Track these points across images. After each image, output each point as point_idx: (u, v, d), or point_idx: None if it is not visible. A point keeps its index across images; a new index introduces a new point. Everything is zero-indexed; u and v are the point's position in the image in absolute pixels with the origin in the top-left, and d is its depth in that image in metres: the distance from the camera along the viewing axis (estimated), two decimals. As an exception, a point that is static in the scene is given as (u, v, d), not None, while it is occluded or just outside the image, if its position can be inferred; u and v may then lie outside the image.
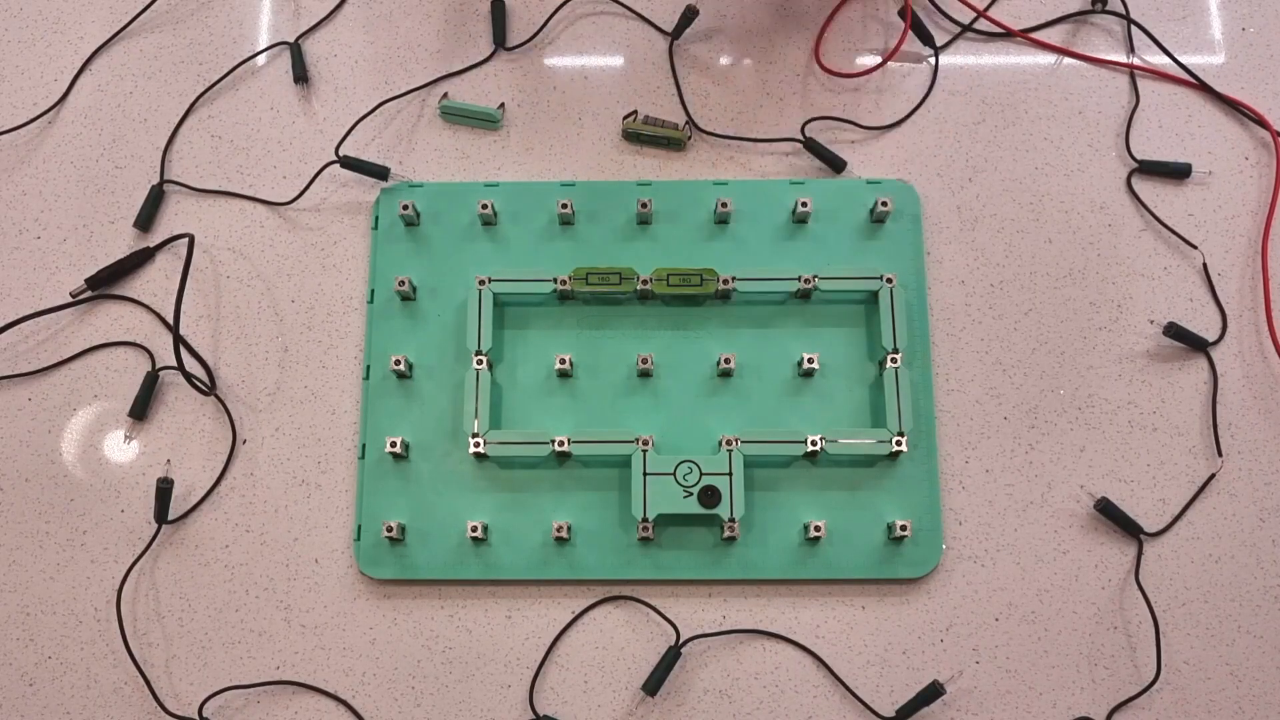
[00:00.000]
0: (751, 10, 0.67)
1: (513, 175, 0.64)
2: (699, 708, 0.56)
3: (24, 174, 0.64)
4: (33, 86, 0.66)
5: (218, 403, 0.60)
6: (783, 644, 0.57)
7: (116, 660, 0.57)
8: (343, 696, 0.56)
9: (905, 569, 0.57)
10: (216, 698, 0.56)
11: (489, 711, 0.56)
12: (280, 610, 0.58)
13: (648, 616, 0.57)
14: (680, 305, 0.60)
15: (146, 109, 0.65)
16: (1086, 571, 0.58)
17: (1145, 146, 0.64)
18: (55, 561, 0.58)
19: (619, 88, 0.65)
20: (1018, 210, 0.63)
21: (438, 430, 0.59)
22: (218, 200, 0.64)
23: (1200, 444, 0.59)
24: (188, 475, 0.59)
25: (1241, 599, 0.57)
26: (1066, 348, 0.61)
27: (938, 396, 0.60)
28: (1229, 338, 0.61)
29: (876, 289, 0.59)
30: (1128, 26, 0.66)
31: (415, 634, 0.57)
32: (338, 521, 0.59)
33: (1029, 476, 0.59)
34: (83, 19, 0.67)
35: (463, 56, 0.66)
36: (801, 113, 0.65)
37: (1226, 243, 0.62)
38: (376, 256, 0.62)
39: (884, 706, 0.56)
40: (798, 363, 0.59)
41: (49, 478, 0.59)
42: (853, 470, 0.58)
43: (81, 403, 0.60)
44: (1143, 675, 0.56)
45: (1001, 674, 0.57)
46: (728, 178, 0.63)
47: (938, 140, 0.64)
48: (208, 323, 0.62)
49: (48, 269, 0.63)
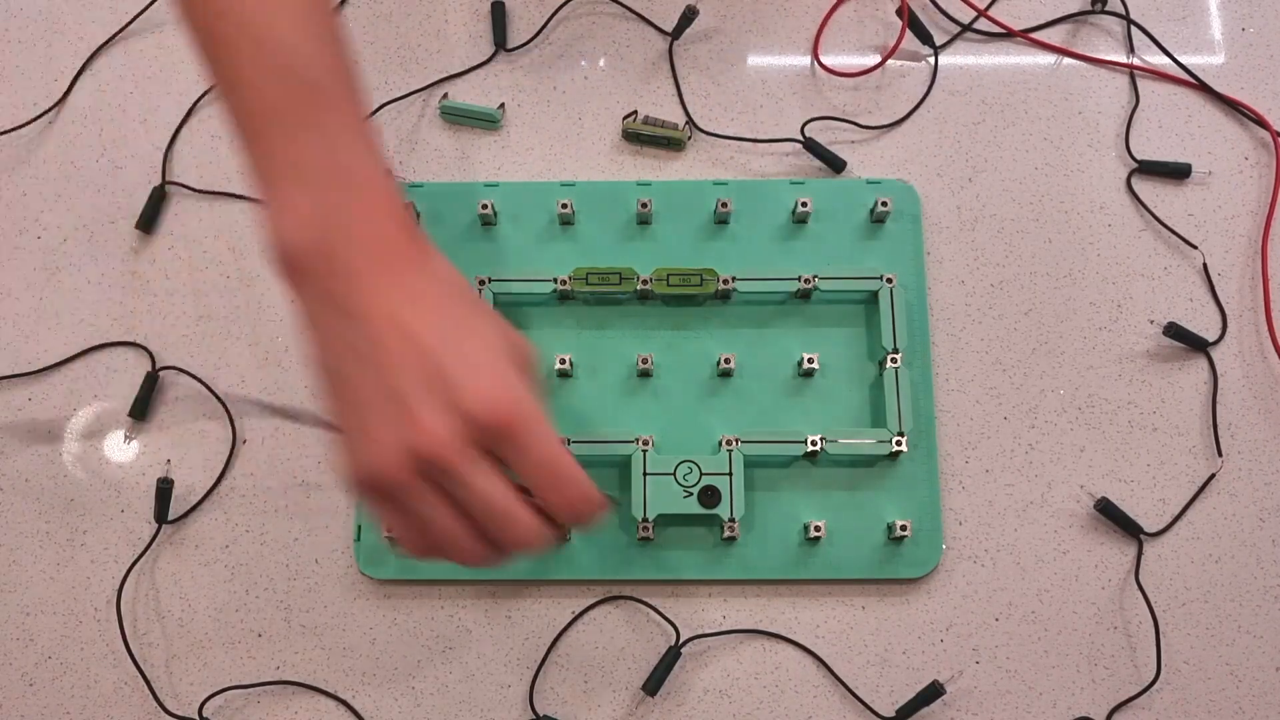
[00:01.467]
0: (751, 10, 0.67)
1: (513, 175, 0.64)
2: (699, 708, 0.56)
3: (24, 174, 0.64)
4: (33, 86, 0.66)
5: (218, 403, 0.60)
6: (783, 644, 0.57)
7: (116, 660, 0.57)
8: (343, 696, 0.56)
9: (905, 569, 0.57)
10: (216, 698, 0.56)
11: (489, 711, 0.56)
12: (280, 610, 0.58)
13: (648, 616, 0.57)
14: (680, 305, 0.60)
15: (147, 109, 0.65)
16: (1086, 571, 0.58)
17: (1145, 146, 0.64)
18: (55, 561, 0.58)
19: (619, 88, 0.65)
20: (1018, 210, 0.63)
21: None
22: (219, 201, 0.64)
23: (1200, 444, 0.59)
24: (188, 475, 0.59)
25: (1241, 599, 0.57)
26: (1066, 348, 0.61)
27: (938, 396, 0.60)
28: (1229, 338, 0.61)
29: (876, 289, 0.59)
30: (1128, 27, 0.66)
31: (415, 634, 0.57)
32: (338, 521, 0.59)
33: (1029, 476, 0.59)
34: (83, 19, 0.67)
35: (463, 58, 0.66)
36: (801, 113, 0.65)
37: (1226, 243, 0.62)
38: (376, 256, 0.61)
39: (884, 706, 0.56)
40: (798, 363, 0.59)
41: (49, 478, 0.60)
42: (853, 470, 0.58)
43: (81, 403, 0.61)
44: (1143, 675, 0.56)
45: (1001, 674, 0.57)
46: (728, 178, 0.63)
47: (938, 140, 0.64)
48: (208, 322, 0.62)
49: (48, 269, 0.63)
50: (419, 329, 0.39)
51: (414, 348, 0.39)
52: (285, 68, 0.41)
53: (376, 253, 0.41)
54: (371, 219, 0.41)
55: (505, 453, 0.40)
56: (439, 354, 0.39)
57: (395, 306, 0.40)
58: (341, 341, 0.40)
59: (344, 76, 0.43)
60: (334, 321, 0.40)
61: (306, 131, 0.41)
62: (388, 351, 0.39)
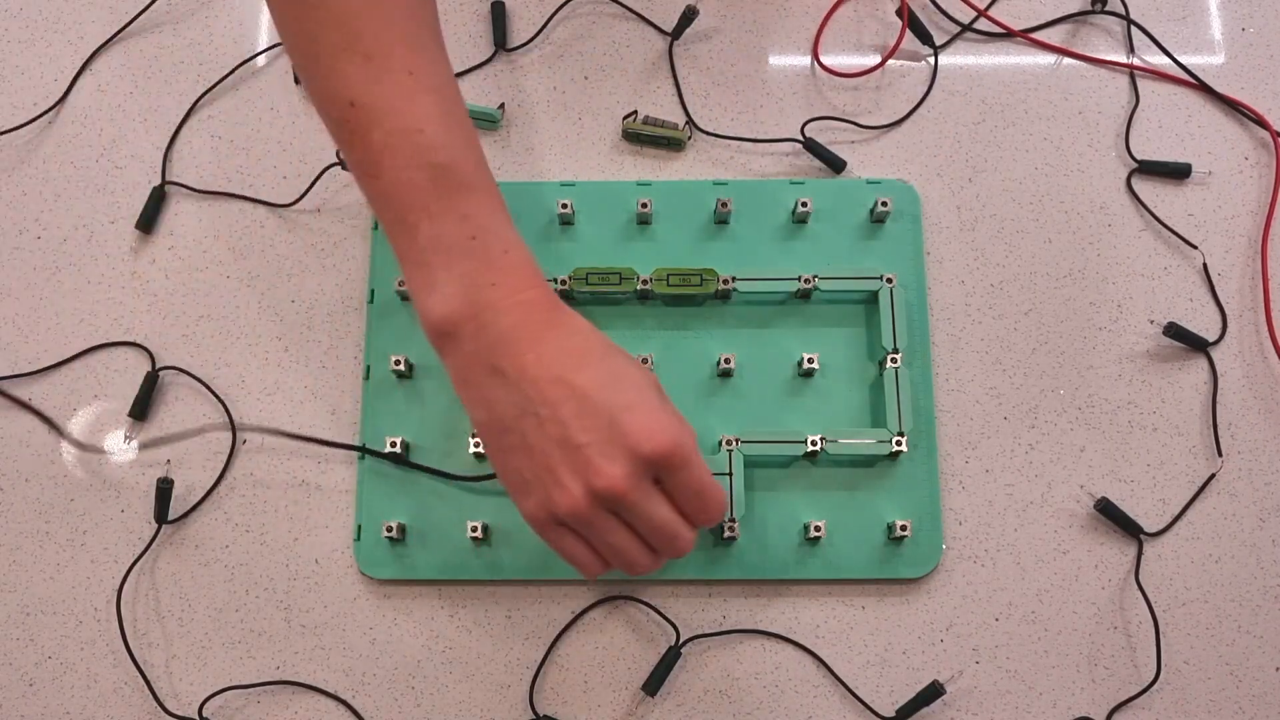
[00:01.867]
0: (751, 10, 0.67)
1: (513, 175, 0.64)
2: (699, 708, 0.56)
3: (24, 174, 0.64)
4: (33, 86, 0.66)
5: (218, 403, 0.60)
6: (783, 644, 0.57)
7: (116, 660, 0.57)
8: (343, 696, 0.56)
9: (905, 569, 0.57)
10: (216, 698, 0.56)
11: (489, 711, 0.56)
12: (280, 610, 0.58)
13: (648, 616, 0.57)
14: (680, 305, 0.60)
15: (146, 109, 0.65)
16: (1086, 571, 0.58)
17: (1145, 147, 0.64)
18: (55, 561, 0.58)
19: (619, 88, 0.65)
20: (1018, 210, 0.63)
21: (438, 430, 0.59)
22: (219, 201, 0.64)
23: (1200, 444, 0.59)
24: (188, 475, 0.59)
25: (1241, 599, 0.57)
26: (1066, 348, 0.61)
27: (938, 396, 0.60)
28: (1229, 338, 0.61)
29: (876, 289, 0.59)
30: (1128, 27, 0.66)
31: (415, 634, 0.57)
32: (338, 521, 0.59)
33: (1029, 476, 0.59)
34: (83, 19, 0.67)
35: (463, 58, 0.66)
36: (801, 113, 0.65)
37: (1226, 243, 0.62)
38: (376, 257, 0.62)
39: (884, 706, 0.56)
40: (797, 363, 0.59)
41: (49, 478, 0.60)
42: (853, 470, 0.58)
43: (81, 403, 0.61)
44: (1143, 675, 0.56)
45: (1001, 674, 0.57)
46: (728, 178, 0.63)
47: (938, 140, 0.64)
48: (209, 323, 0.62)
49: (48, 269, 0.63)
50: (584, 386, 0.44)
51: (583, 404, 0.44)
52: (435, 164, 0.45)
53: (523, 318, 0.45)
54: (515, 287, 0.46)
55: (666, 477, 0.46)
56: (605, 406, 0.44)
57: (559, 369, 0.44)
58: (509, 403, 0.45)
59: (477, 155, 0.47)
60: (495, 384, 0.45)
61: (448, 213, 0.45)
62: (561, 410, 0.44)
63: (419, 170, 0.45)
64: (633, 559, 0.47)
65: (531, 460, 0.45)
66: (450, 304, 0.45)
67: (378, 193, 0.46)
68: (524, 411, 0.45)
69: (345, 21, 0.45)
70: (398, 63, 0.45)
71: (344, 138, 0.46)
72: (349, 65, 0.45)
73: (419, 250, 0.46)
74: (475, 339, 0.45)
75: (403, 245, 0.46)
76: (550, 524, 0.46)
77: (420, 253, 0.46)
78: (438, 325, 0.46)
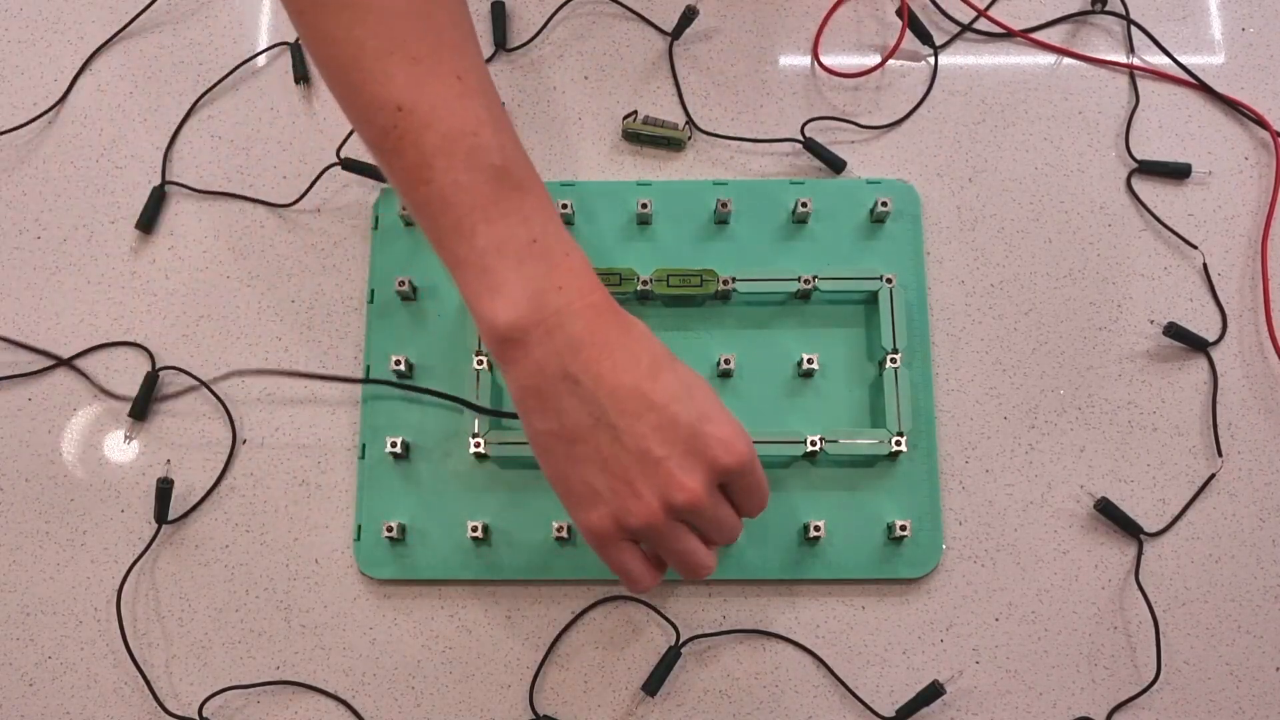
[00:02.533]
0: (751, 10, 0.67)
1: (513, 175, 0.64)
2: (699, 708, 0.56)
3: (24, 174, 0.64)
4: (33, 86, 0.66)
5: (218, 403, 0.60)
6: (783, 644, 0.57)
7: (116, 660, 0.57)
8: (343, 696, 0.56)
9: (905, 569, 0.57)
10: (216, 698, 0.56)
11: (489, 711, 0.56)
12: (280, 610, 0.58)
13: (648, 616, 0.57)
14: (680, 305, 0.60)
15: (146, 109, 0.65)
16: (1086, 571, 0.58)
17: (1145, 147, 0.64)
18: (55, 561, 0.58)
19: (619, 88, 0.65)
20: (1018, 210, 0.63)
21: (438, 430, 0.59)
22: (219, 201, 0.64)
23: (1200, 444, 0.59)
24: (188, 475, 0.59)
25: (1241, 599, 0.57)
26: (1066, 348, 0.61)
27: (938, 396, 0.60)
28: (1229, 338, 0.61)
29: (876, 289, 0.59)
30: (1128, 27, 0.66)
31: (415, 634, 0.57)
32: (338, 521, 0.59)
33: (1029, 476, 0.59)
34: (83, 19, 0.67)
35: (463, 57, 0.66)
36: (801, 113, 0.65)
37: (1226, 243, 0.62)
38: (376, 257, 0.62)
39: (884, 706, 0.56)
40: (797, 363, 0.59)
41: (49, 478, 0.60)
42: (852, 470, 0.58)
43: (81, 403, 0.61)
44: (1143, 675, 0.56)
45: (1001, 674, 0.57)
46: (728, 178, 0.63)
47: (938, 140, 0.64)
48: (209, 323, 0.62)
49: (48, 269, 0.63)
50: (661, 398, 0.44)
51: (662, 417, 0.43)
52: (493, 166, 0.44)
53: (592, 322, 0.44)
54: (580, 290, 0.45)
55: (732, 480, 0.46)
56: (685, 419, 0.44)
57: (633, 378, 0.44)
58: (584, 413, 0.44)
59: (527, 158, 0.46)
60: (568, 393, 0.44)
61: (508, 215, 0.44)
62: (640, 423, 0.43)
63: (478, 172, 0.43)
64: (699, 561, 0.47)
65: (605, 472, 0.44)
66: (518, 309, 0.43)
67: (428, 198, 0.44)
68: (599, 422, 0.43)
69: (390, 24, 0.43)
70: (446, 66, 0.44)
71: (389, 144, 0.44)
72: (396, 68, 0.43)
73: (478, 254, 0.44)
74: (544, 345, 0.44)
75: (459, 251, 0.44)
76: (615, 536, 0.45)
77: (480, 257, 0.44)
78: (504, 332, 0.44)
